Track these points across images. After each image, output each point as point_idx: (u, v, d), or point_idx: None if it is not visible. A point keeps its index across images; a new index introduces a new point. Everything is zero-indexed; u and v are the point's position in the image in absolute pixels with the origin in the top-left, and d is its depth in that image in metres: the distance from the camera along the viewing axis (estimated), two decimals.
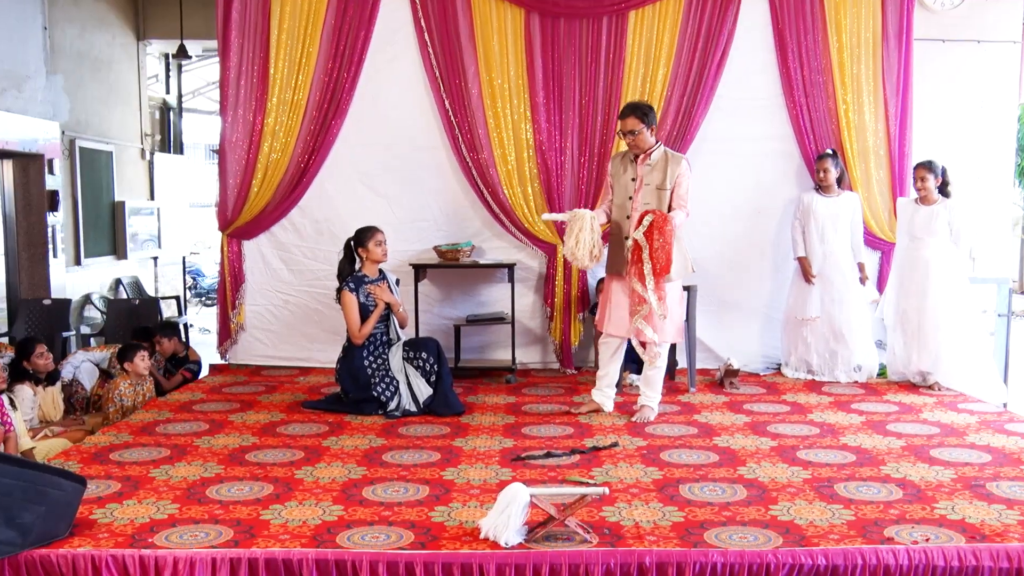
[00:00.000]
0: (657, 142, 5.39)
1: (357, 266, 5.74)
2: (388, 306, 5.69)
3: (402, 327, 5.85)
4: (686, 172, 5.31)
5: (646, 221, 5.13)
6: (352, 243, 5.74)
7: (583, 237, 5.20)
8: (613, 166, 5.56)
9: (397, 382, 5.56)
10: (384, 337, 5.73)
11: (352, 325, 5.60)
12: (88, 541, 3.45)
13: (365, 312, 5.60)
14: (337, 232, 6.84)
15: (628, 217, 5.33)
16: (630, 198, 5.37)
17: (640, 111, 5.30)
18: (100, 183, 9.09)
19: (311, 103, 6.79)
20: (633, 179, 5.37)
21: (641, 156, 5.35)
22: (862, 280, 6.52)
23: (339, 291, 5.67)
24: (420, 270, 6.66)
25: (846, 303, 6.45)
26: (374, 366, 5.59)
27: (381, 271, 5.78)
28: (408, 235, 6.87)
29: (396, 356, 5.68)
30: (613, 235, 5.48)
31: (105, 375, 6.20)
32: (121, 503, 3.90)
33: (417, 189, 6.91)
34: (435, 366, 5.62)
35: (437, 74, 6.75)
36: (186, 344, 7.15)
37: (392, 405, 5.48)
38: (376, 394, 5.49)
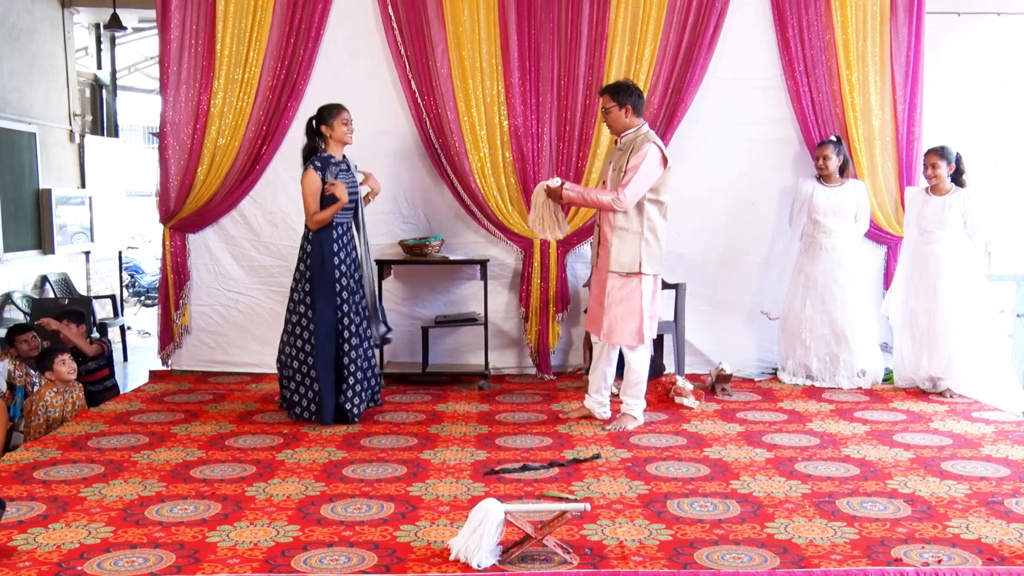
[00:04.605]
0: (640, 125, 5.43)
1: (321, 147, 5.69)
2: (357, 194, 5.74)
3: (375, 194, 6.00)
4: (643, 157, 5.24)
5: (552, 184, 5.44)
6: (315, 121, 5.69)
7: (545, 213, 5.49)
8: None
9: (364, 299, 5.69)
10: (350, 225, 5.72)
11: (309, 207, 5.56)
12: (6, 572, 3.42)
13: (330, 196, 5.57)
14: (293, 224, 6.84)
15: (611, 210, 5.43)
16: (604, 183, 5.52)
17: (613, 88, 5.44)
18: (22, 168, 8.99)
19: (263, 82, 6.79)
20: (610, 163, 5.53)
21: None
22: None
23: (303, 170, 5.58)
24: (385, 266, 6.68)
25: (849, 303, 6.53)
26: (342, 256, 5.60)
27: (344, 156, 5.75)
28: (371, 228, 6.81)
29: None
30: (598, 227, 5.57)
31: (9, 387, 6.12)
32: (46, 527, 3.88)
33: (381, 178, 6.89)
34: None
35: (402, 52, 6.77)
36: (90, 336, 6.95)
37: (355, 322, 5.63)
38: (335, 291, 5.54)
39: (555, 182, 5.41)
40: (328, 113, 5.62)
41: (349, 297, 5.59)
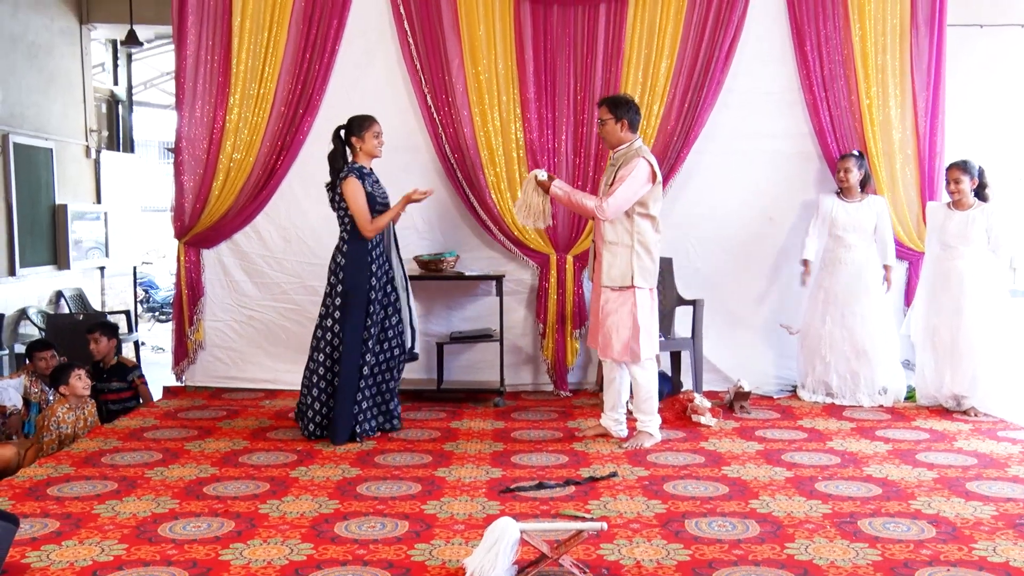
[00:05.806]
0: (634, 140, 5.40)
1: (349, 158, 5.68)
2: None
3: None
4: (631, 170, 5.23)
5: (540, 176, 5.42)
6: (344, 132, 5.66)
7: (533, 200, 5.47)
8: None
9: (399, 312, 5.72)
10: (387, 240, 5.72)
11: (363, 215, 5.47)
12: None
13: (372, 203, 5.53)
14: (307, 240, 6.86)
15: (593, 217, 5.47)
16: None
17: (612, 101, 5.44)
18: (38, 184, 9.06)
19: (279, 97, 6.82)
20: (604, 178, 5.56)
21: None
22: (886, 280, 6.57)
23: (342, 179, 5.51)
24: None
25: (869, 318, 6.49)
26: (375, 270, 5.58)
27: (371, 168, 5.74)
28: None
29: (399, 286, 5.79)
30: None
31: (24, 403, 6.13)
32: (60, 544, 3.88)
33: (396, 194, 6.91)
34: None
35: (418, 67, 6.79)
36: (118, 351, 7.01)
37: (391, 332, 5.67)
38: (365, 306, 5.49)
39: (542, 175, 5.41)
40: (359, 125, 5.60)
41: (377, 313, 5.58)
